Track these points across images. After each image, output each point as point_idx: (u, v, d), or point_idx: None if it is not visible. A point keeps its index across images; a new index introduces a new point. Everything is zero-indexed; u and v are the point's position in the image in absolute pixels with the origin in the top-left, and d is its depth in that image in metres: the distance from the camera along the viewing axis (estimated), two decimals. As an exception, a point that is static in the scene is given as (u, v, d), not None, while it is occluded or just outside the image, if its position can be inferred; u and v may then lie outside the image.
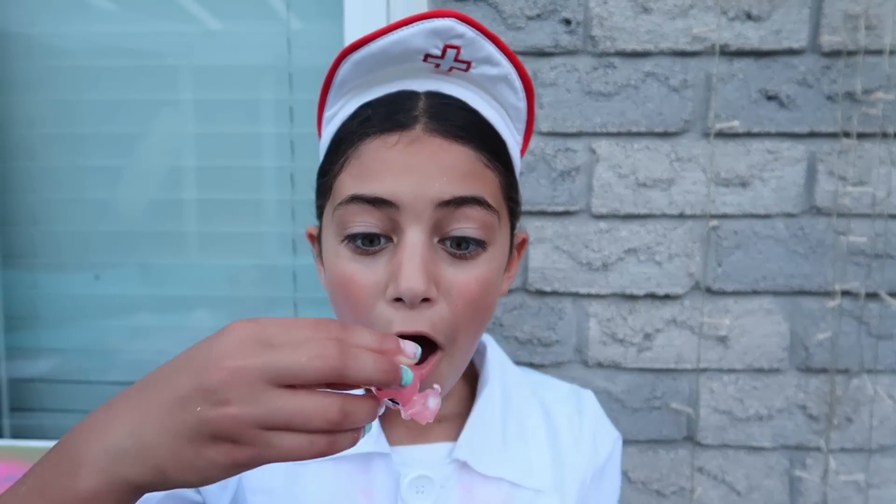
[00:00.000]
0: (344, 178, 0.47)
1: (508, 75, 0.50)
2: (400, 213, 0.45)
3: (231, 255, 1.09)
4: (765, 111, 0.84)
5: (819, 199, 0.85)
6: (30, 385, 1.14)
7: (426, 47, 0.46)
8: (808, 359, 0.87)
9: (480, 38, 0.47)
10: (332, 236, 0.49)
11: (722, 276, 0.87)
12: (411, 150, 0.46)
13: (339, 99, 0.51)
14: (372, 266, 0.46)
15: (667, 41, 0.84)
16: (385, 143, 0.46)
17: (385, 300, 0.46)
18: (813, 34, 0.83)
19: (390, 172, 0.45)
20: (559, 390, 0.64)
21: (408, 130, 0.46)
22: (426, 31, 0.45)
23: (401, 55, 0.47)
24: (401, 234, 0.46)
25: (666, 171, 0.86)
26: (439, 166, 0.46)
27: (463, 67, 0.48)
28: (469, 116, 0.49)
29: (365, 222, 0.46)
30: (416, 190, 0.45)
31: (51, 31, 1.08)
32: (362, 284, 0.46)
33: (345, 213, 0.47)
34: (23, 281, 1.12)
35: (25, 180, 1.10)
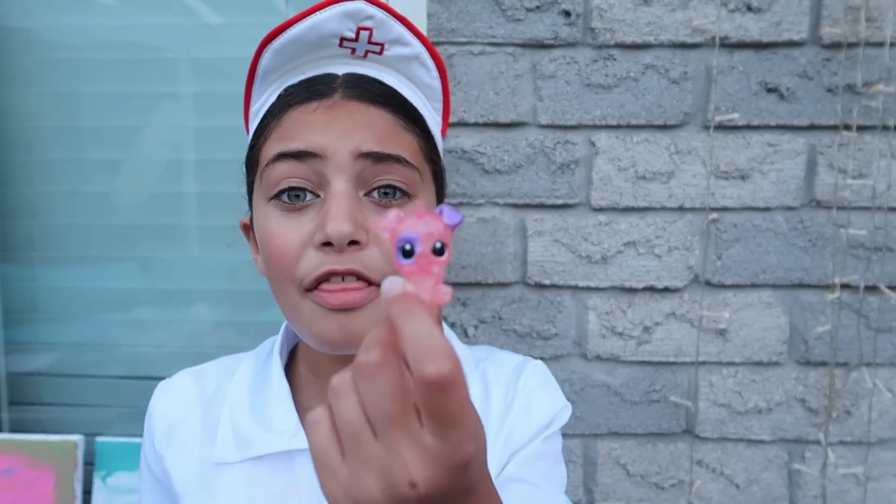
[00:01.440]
0: (268, 145, 0.50)
1: (420, 55, 0.53)
2: (324, 164, 0.47)
3: (230, 249, 1.09)
4: (765, 103, 0.84)
5: (819, 192, 0.85)
6: (29, 379, 1.14)
7: (340, 30, 0.49)
8: (807, 352, 0.87)
9: (390, 20, 0.50)
10: (261, 203, 0.50)
11: (721, 269, 0.86)
12: (331, 111, 0.49)
13: (263, 91, 0.53)
14: (300, 221, 0.48)
15: (667, 33, 0.83)
16: (305, 109, 0.49)
17: (313, 247, 0.47)
18: (813, 26, 0.83)
19: (311, 130, 0.48)
20: (505, 363, 0.61)
21: (327, 98, 0.49)
22: (338, 14, 0.48)
23: (317, 40, 0.50)
24: (327, 187, 0.48)
25: (665, 164, 0.86)
26: (359, 124, 0.48)
27: (377, 50, 0.51)
28: (385, 89, 0.52)
29: (290, 178, 0.48)
30: (338, 142, 0.47)
31: (49, 24, 1.07)
32: (290, 237, 0.48)
33: (271, 172, 0.49)
34: (22, 275, 1.12)
35: (24, 173, 1.10)
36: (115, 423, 1.13)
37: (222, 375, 0.60)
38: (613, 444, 0.89)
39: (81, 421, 1.12)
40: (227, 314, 1.11)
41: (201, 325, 1.12)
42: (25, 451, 0.98)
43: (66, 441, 0.97)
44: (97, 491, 0.99)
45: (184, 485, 0.54)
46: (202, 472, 0.54)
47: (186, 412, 0.58)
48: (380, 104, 0.50)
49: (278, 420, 0.54)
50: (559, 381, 0.66)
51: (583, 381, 0.88)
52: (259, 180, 0.51)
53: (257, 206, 0.52)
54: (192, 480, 0.54)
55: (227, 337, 1.11)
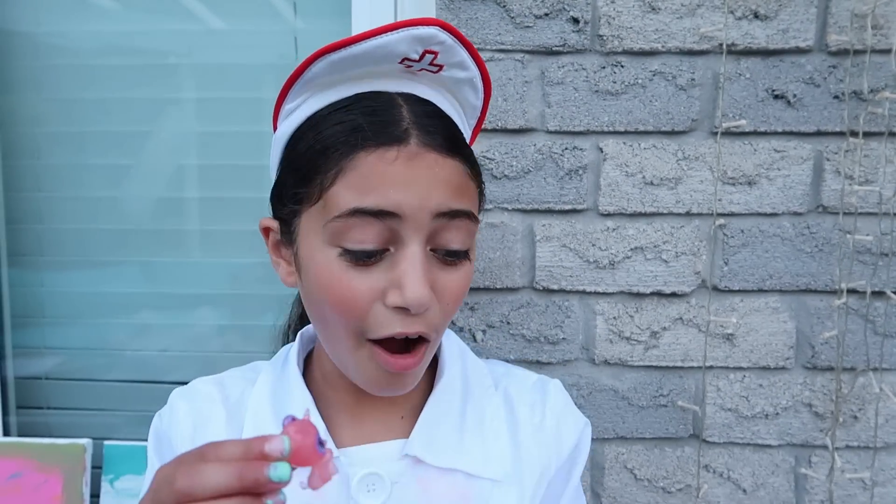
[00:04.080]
0: (340, 190, 0.47)
1: (474, 78, 0.54)
2: (402, 223, 0.47)
3: (234, 253, 1.09)
4: (772, 110, 0.85)
5: (825, 197, 0.86)
6: (36, 383, 1.14)
7: (407, 52, 0.48)
8: (814, 357, 0.87)
9: (457, 46, 0.50)
10: (320, 244, 0.49)
11: (728, 274, 0.87)
12: (412, 164, 0.47)
13: (302, 93, 0.51)
14: (369, 274, 0.48)
15: (674, 40, 0.84)
16: (384, 157, 0.47)
17: (384, 305, 0.48)
18: (820, 33, 0.84)
19: (393, 185, 0.46)
20: (524, 381, 0.63)
21: (404, 145, 0.47)
22: (410, 37, 0.47)
23: (380, 58, 0.49)
24: (400, 245, 0.48)
25: (673, 170, 0.86)
26: (436, 180, 0.48)
27: (434, 70, 0.51)
28: (450, 127, 0.51)
29: (366, 238, 0.47)
30: (419, 201, 0.47)
31: (55, 29, 1.08)
32: (360, 291, 0.47)
33: (344, 225, 0.47)
34: (29, 279, 1.12)
35: (31, 179, 1.11)
36: (122, 427, 1.13)
37: (242, 385, 0.60)
38: (621, 448, 0.89)
39: (89, 425, 1.12)
40: (230, 318, 1.11)
41: (205, 330, 1.12)
42: (33, 454, 0.98)
43: (74, 444, 0.98)
44: (105, 494, 0.99)
45: None
46: None
47: (212, 414, 0.58)
48: (451, 153, 0.50)
49: None
50: (567, 386, 0.67)
51: (590, 386, 0.89)
52: (320, 220, 0.49)
53: (314, 241, 0.49)
54: None
55: (231, 341, 1.12)
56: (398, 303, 0.47)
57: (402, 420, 0.58)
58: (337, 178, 0.47)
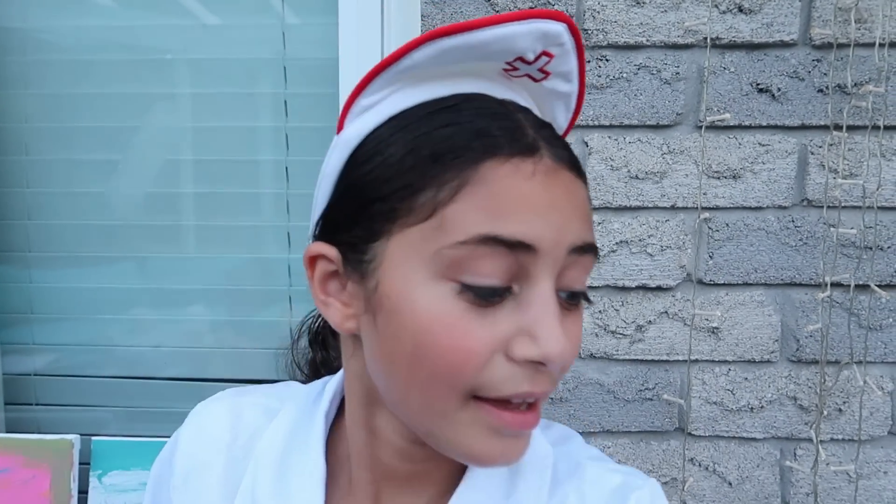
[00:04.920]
0: (463, 209, 0.38)
1: (571, 95, 0.46)
2: (535, 258, 0.38)
3: (227, 249, 1.09)
4: (756, 104, 0.85)
5: (810, 191, 0.86)
6: (25, 379, 1.14)
7: (525, 50, 0.41)
8: (798, 350, 0.88)
9: (573, 52, 0.43)
10: (425, 276, 0.39)
11: (713, 268, 0.87)
12: (550, 183, 0.39)
13: (389, 85, 0.42)
14: (493, 320, 0.38)
15: (659, 34, 0.84)
16: (519, 170, 0.38)
17: (506, 357, 0.38)
18: (804, 27, 0.84)
19: (533, 209, 0.38)
20: (598, 487, 0.47)
21: (539, 158, 0.39)
22: (536, 31, 0.40)
23: (495, 53, 0.41)
24: (528, 283, 0.38)
25: (658, 164, 0.86)
26: (574, 206, 0.40)
27: (538, 77, 0.43)
28: (566, 143, 0.43)
29: (493, 272, 0.38)
30: (557, 233, 0.38)
31: (44, 25, 1.08)
32: (482, 340, 0.37)
33: (469, 255, 0.37)
34: (18, 276, 1.12)
35: (20, 174, 1.11)
36: (111, 423, 1.13)
37: (261, 420, 0.51)
38: (607, 441, 0.89)
39: (77, 421, 1.12)
40: (224, 314, 1.11)
41: (198, 325, 1.12)
42: (21, 450, 0.98)
43: (61, 440, 0.98)
44: (93, 490, 0.99)
45: None
46: None
47: (211, 457, 0.50)
48: (580, 174, 0.42)
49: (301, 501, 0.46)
50: None
51: (576, 380, 0.89)
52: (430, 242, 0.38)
53: (415, 272, 0.39)
54: None
55: (225, 337, 1.12)
56: (532, 356, 0.37)
57: None
58: (459, 192, 0.38)
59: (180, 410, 1.08)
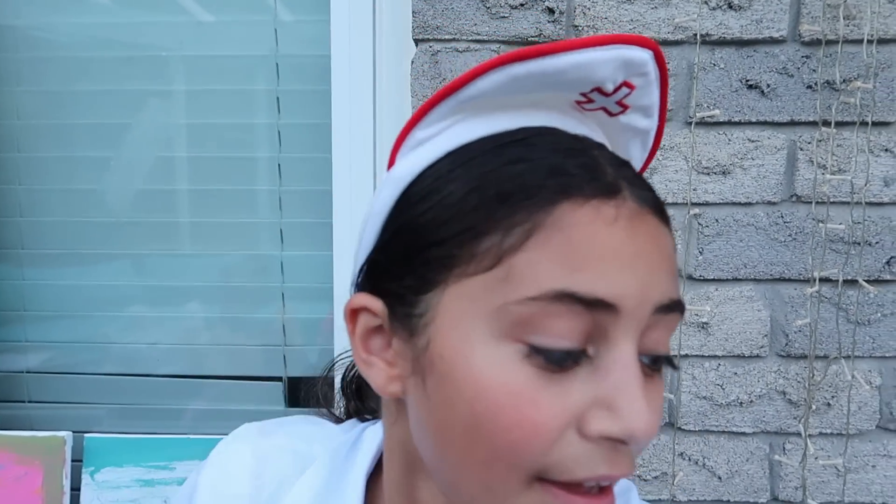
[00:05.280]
0: (535, 258, 0.33)
1: (651, 131, 0.41)
2: (617, 318, 0.33)
3: (220, 246, 1.10)
4: (746, 100, 0.85)
5: (799, 187, 0.86)
6: (18, 377, 1.14)
7: (604, 80, 0.36)
8: (787, 345, 0.88)
9: (655, 84, 0.38)
10: (486, 335, 0.34)
11: (703, 263, 0.88)
12: (635, 230, 0.34)
13: (448, 117, 0.38)
14: (563, 387, 0.33)
15: (649, 30, 0.85)
16: (600, 214, 0.33)
17: (578, 433, 0.33)
18: (793, 23, 0.84)
19: (615, 262, 0.33)
20: None
21: (621, 200, 0.34)
22: (620, 59, 0.36)
23: (571, 82, 0.37)
24: (609, 347, 0.34)
25: (648, 160, 0.87)
26: (662, 256, 0.35)
27: (615, 111, 0.39)
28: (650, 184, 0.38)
29: (569, 333, 0.33)
30: (643, 291, 0.33)
31: (39, 22, 1.08)
32: (552, 413, 0.32)
33: (539, 313, 0.33)
34: (10, 273, 1.12)
35: (13, 172, 1.10)
36: (104, 420, 1.13)
37: (288, 468, 0.46)
38: (598, 436, 0.90)
39: (70, 418, 1.12)
40: (217, 311, 1.11)
41: (192, 322, 1.13)
42: (13, 447, 0.98)
43: (54, 437, 0.98)
44: (86, 487, 1.00)
45: None
46: None
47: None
48: (666, 220, 0.37)
49: None
50: None
51: (567, 375, 0.90)
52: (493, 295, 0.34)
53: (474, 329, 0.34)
54: None
55: (220, 334, 1.12)
56: (612, 432, 0.32)
57: None
58: (529, 239, 0.33)
59: (174, 408, 1.09)
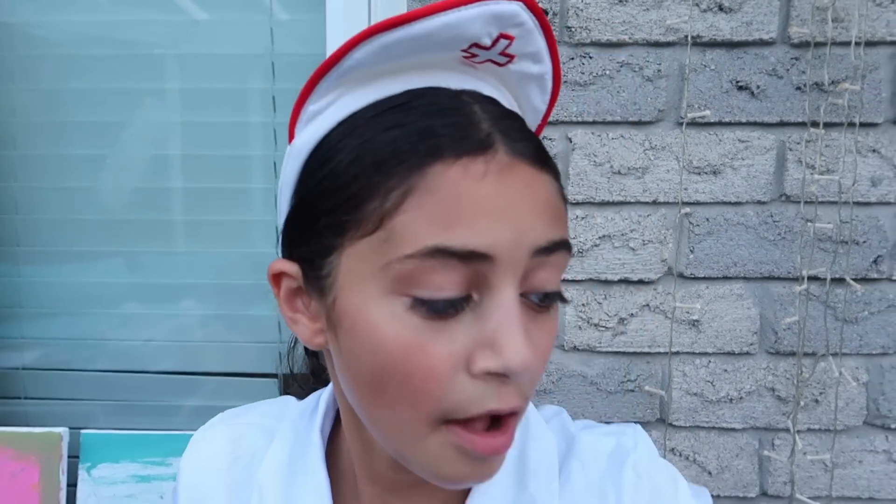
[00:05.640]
0: (410, 219, 0.35)
1: (544, 75, 0.42)
2: (493, 266, 0.35)
3: (215, 244, 1.10)
4: (736, 101, 0.87)
5: (788, 187, 0.88)
6: (13, 373, 1.14)
7: (479, 35, 0.37)
8: (776, 342, 0.90)
9: (537, 30, 0.39)
10: (377, 292, 0.36)
11: (694, 261, 0.89)
12: (505, 182, 0.36)
13: (334, 88, 0.40)
14: (450, 334, 0.36)
15: (641, 32, 0.86)
16: (468, 172, 0.35)
17: (468, 374, 0.36)
18: (783, 26, 0.85)
19: (484, 216, 0.35)
20: (595, 458, 0.46)
21: (491, 154, 0.36)
22: (487, 14, 0.37)
23: (445, 42, 0.38)
24: (490, 292, 0.36)
25: (640, 160, 0.88)
26: (535, 203, 0.37)
27: (502, 62, 0.40)
28: (532, 132, 0.40)
29: (448, 284, 0.35)
30: (517, 237, 0.35)
31: (34, 20, 1.08)
32: (441, 358, 0.35)
33: (418, 269, 0.35)
34: (6, 270, 1.13)
35: (8, 169, 1.11)
36: (100, 416, 1.13)
37: (259, 442, 0.50)
38: (590, 432, 0.91)
39: (66, 415, 1.13)
40: (213, 308, 1.12)
41: (188, 320, 1.13)
42: (9, 443, 0.99)
43: (50, 433, 0.98)
44: (82, 482, 1.00)
45: None
46: None
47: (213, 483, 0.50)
48: (543, 166, 0.38)
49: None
50: None
51: (560, 372, 0.91)
52: (378, 259, 0.36)
53: (367, 287, 0.37)
54: None
55: (215, 331, 1.13)
56: (494, 368, 0.35)
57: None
58: (405, 201, 0.35)
59: (170, 404, 1.10)
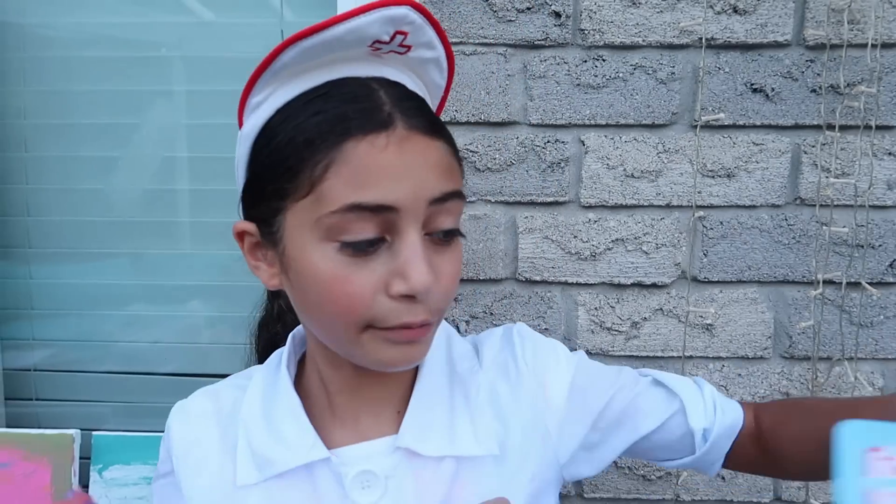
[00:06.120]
0: (333, 184, 0.46)
1: (440, 58, 0.53)
2: (398, 214, 0.46)
3: (223, 245, 1.10)
4: (750, 104, 0.86)
5: (803, 190, 0.87)
6: (25, 375, 1.14)
7: (379, 34, 0.48)
8: (791, 347, 0.89)
9: (426, 25, 0.50)
10: (313, 240, 0.48)
11: (708, 265, 0.88)
12: (403, 150, 0.47)
13: (269, 84, 0.50)
14: (369, 267, 0.47)
15: (655, 34, 0.85)
16: (374, 145, 0.46)
17: (387, 296, 0.47)
18: (798, 28, 0.85)
19: (388, 177, 0.46)
20: (493, 341, 0.62)
21: (392, 130, 0.47)
22: (382, 18, 0.47)
23: (352, 42, 0.48)
24: (397, 234, 0.47)
25: (653, 163, 0.87)
26: (428, 165, 0.48)
27: (402, 52, 0.51)
28: (426, 108, 0.51)
29: (365, 230, 0.46)
30: (415, 192, 0.47)
31: (44, 21, 1.08)
32: (362, 285, 0.47)
33: (341, 221, 0.46)
34: (17, 272, 1.13)
35: (19, 171, 1.11)
36: (111, 418, 1.14)
37: (236, 394, 0.60)
38: (602, 437, 0.91)
39: (77, 416, 1.13)
40: (220, 310, 1.12)
41: (196, 321, 1.13)
42: (21, 444, 0.99)
43: (62, 435, 0.98)
44: (94, 484, 1.00)
45: None
46: (223, 494, 0.55)
47: (203, 432, 0.58)
48: (436, 134, 0.49)
49: (293, 435, 0.55)
50: None
51: (572, 376, 0.90)
52: (311, 215, 0.47)
53: (306, 237, 0.48)
54: (213, 501, 0.55)
55: (221, 333, 1.13)
56: (403, 291, 0.47)
57: (398, 415, 0.57)
58: (328, 171, 0.46)
59: (180, 406, 1.10)
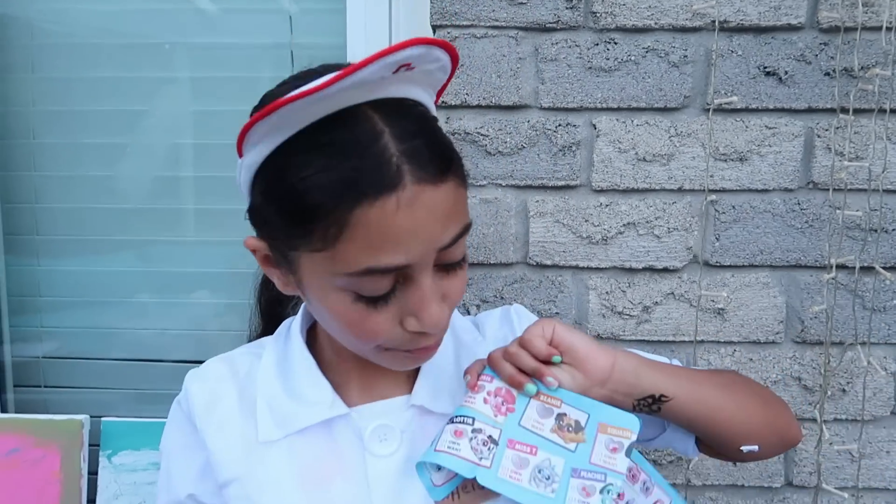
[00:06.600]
0: (348, 248, 0.47)
1: (444, 65, 0.52)
2: (412, 268, 0.49)
3: (231, 233, 1.10)
4: (763, 87, 0.85)
5: (816, 174, 0.86)
6: (34, 363, 1.15)
7: (382, 73, 0.46)
8: (803, 331, 0.88)
9: (430, 51, 0.48)
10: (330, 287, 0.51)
11: (720, 249, 0.88)
12: (413, 209, 0.47)
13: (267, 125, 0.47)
14: (386, 309, 0.51)
15: (667, 17, 0.85)
16: (385, 210, 0.46)
17: (402, 328, 0.52)
18: (811, 10, 0.84)
19: (400, 240, 0.47)
20: (492, 320, 0.70)
21: (401, 190, 0.46)
22: (384, 65, 0.45)
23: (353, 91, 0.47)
24: (411, 282, 0.50)
25: (665, 147, 0.87)
26: (436, 216, 0.49)
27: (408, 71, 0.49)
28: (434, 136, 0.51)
29: (380, 287, 0.49)
30: (426, 246, 0.49)
31: (49, 9, 1.08)
32: (377, 323, 0.51)
33: (358, 280, 0.49)
34: (25, 262, 1.13)
35: (26, 159, 1.11)
36: (119, 405, 1.14)
37: (250, 360, 0.63)
38: (613, 422, 0.90)
39: (85, 403, 1.13)
40: (227, 297, 1.12)
41: (203, 309, 1.13)
42: (31, 430, 0.99)
43: (71, 420, 0.99)
44: (103, 469, 1.00)
45: (226, 460, 0.57)
46: (247, 451, 0.57)
47: (223, 392, 0.60)
48: (444, 176, 0.49)
49: (312, 393, 0.58)
50: None
51: (583, 361, 0.90)
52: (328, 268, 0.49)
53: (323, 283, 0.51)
54: (237, 458, 0.57)
55: (229, 321, 1.13)
56: (417, 329, 0.51)
57: (409, 379, 0.62)
58: (341, 235, 0.47)
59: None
